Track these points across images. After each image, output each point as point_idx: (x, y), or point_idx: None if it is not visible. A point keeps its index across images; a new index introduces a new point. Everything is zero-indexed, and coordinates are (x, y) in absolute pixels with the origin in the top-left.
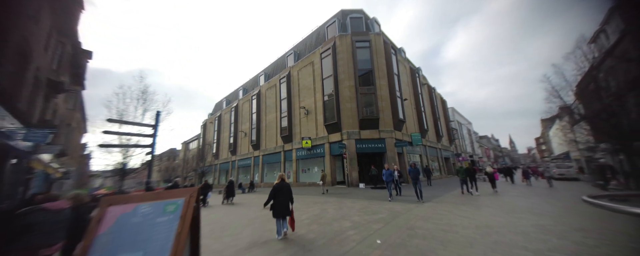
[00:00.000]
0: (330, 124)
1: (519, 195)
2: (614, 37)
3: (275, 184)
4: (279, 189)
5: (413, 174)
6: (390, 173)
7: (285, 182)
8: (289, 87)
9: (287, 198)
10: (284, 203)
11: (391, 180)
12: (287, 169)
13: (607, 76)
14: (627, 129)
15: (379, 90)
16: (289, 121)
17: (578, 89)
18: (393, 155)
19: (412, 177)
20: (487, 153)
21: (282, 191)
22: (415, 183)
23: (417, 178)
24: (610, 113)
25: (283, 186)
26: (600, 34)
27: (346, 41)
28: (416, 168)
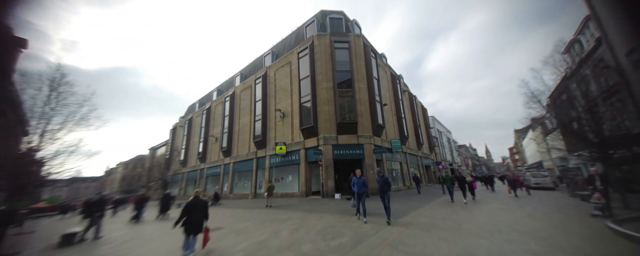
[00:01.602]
0: (307, 128)
1: (500, 207)
2: (588, 47)
3: (189, 201)
4: (193, 207)
5: (381, 184)
6: (363, 182)
7: (200, 199)
8: (264, 88)
9: (202, 216)
10: (196, 221)
11: (364, 192)
12: (259, 178)
13: (580, 85)
14: (605, 137)
15: (357, 93)
16: (263, 125)
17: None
18: (372, 162)
19: (379, 188)
20: (466, 162)
21: (196, 208)
22: (383, 197)
23: (386, 190)
24: (589, 121)
25: (196, 204)
26: (574, 44)
27: (325, 41)
28: (384, 177)
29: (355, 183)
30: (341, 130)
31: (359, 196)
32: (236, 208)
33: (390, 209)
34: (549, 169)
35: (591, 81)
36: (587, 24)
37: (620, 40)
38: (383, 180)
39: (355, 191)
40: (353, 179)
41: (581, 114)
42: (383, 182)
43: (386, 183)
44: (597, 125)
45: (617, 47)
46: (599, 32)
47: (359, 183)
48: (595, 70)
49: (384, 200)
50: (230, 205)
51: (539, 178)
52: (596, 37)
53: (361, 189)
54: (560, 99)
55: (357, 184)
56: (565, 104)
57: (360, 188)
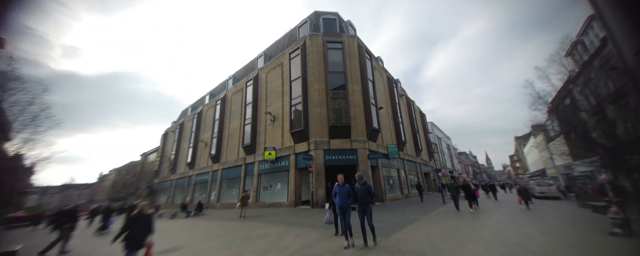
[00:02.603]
0: (297, 132)
1: (507, 220)
2: (592, 48)
3: (133, 214)
4: (134, 221)
5: (361, 194)
6: (347, 191)
7: (145, 213)
8: (255, 90)
9: (145, 231)
10: (138, 236)
11: (349, 205)
12: (247, 186)
13: (589, 85)
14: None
15: (351, 95)
16: (253, 129)
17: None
18: (366, 168)
19: (359, 199)
20: (466, 169)
21: (137, 222)
22: (364, 211)
23: (367, 202)
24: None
25: (139, 218)
26: (577, 45)
27: (317, 41)
28: (367, 184)
29: (338, 192)
30: (334, 134)
31: (342, 211)
32: (216, 220)
33: (374, 227)
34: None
35: (600, 82)
36: (590, 24)
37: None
38: (365, 189)
39: (337, 203)
40: (335, 188)
41: (591, 116)
42: (365, 191)
43: (369, 192)
44: (610, 128)
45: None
46: (603, 32)
47: (342, 193)
48: (601, 71)
49: (363, 215)
50: (213, 216)
51: (543, 187)
52: (601, 38)
53: (345, 202)
54: (563, 104)
55: (340, 194)
56: (570, 108)
57: (343, 199)
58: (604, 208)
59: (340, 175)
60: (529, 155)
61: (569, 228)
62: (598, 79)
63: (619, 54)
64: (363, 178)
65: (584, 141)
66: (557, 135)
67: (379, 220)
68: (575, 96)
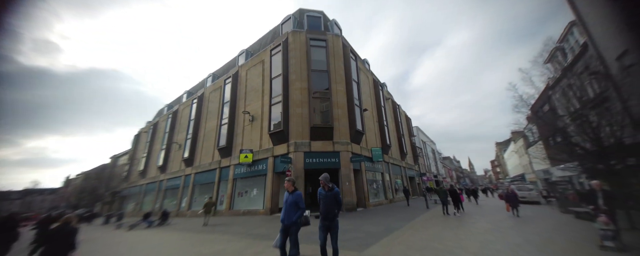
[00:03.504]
0: (276, 133)
1: (492, 228)
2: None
3: (55, 226)
4: (54, 235)
5: (326, 204)
6: (296, 200)
7: (70, 226)
8: (234, 89)
9: (65, 248)
10: (57, 253)
11: (295, 221)
12: (222, 192)
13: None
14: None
15: (334, 95)
16: (230, 130)
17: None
18: (348, 172)
19: (322, 210)
20: (450, 174)
21: (57, 237)
22: (329, 226)
23: (334, 214)
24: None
25: (61, 230)
26: (557, 51)
27: (300, 38)
28: (334, 190)
29: (286, 201)
30: (315, 135)
31: (284, 231)
32: (177, 231)
33: (337, 250)
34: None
35: (580, 87)
36: (570, 30)
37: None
38: (331, 196)
39: (282, 220)
40: (285, 196)
41: (575, 120)
42: (331, 200)
43: (335, 201)
44: (595, 132)
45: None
46: (584, 38)
47: (289, 203)
48: (582, 76)
49: (327, 232)
50: (177, 226)
51: (524, 192)
52: (582, 43)
53: (290, 218)
54: (542, 110)
55: (286, 206)
56: (549, 113)
57: (289, 213)
58: (588, 214)
59: (288, 181)
60: (509, 160)
61: (557, 237)
62: (579, 84)
63: (600, 59)
64: (329, 181)
65: (564, 146)
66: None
67: (356, 229)
68: (554, 102)
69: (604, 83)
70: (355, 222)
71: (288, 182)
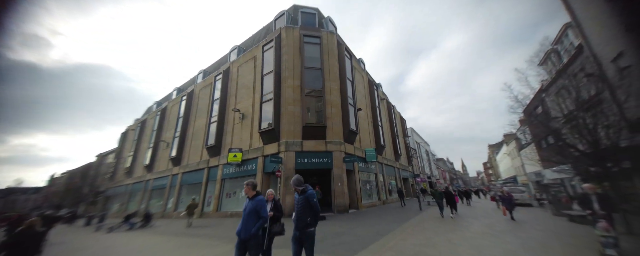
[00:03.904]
0: (267, 132)
1: (486, 232)
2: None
3: (19, 230)
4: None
5: (299, 209)
6: (255, 207)
7: (36, 230)
8: (225, 85)
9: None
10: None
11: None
12: (209, 193)
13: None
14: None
15: (328, 94)
16: (219, 128)
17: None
18: (341, 172)
19: (296, 217)
20: (444, 175)
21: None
22: (299, 239)
23: (308, 224)
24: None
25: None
26: (551, 54)
27: (294, 34)
28: (307, 192)
29: (244, 208)
30: (307, 135)
31: (241, 245)
32: (159, 235)
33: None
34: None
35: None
36: (565, 32)
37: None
38: (303, 201)
39: (238, 233)
40: (244, 204)
41: (566, 123)
42: (303, 205)
43: (309, 206)
44: (591, 134)
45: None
46: (579, 39)
47: (248, 211)
48: (577, 78)
49: (299, 245)
50: (160, 229)
51: (516, 194)
52: (577, 45)
53: (248, 230)
54: (535, 113)
55: (244, 215)
56: (543, 116)
57: (247, 224)
58: (582, 217)
59: (248, 185)
60: (501, 162)
61: (553, 242)
62: (574, 86)
63: (595, 61)
64: (302, 183)
65: (557, 148)
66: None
67: (346, 233)
68: (548, 104)
69: (599, 85)
70: (346, 225)
71: (247, 186)
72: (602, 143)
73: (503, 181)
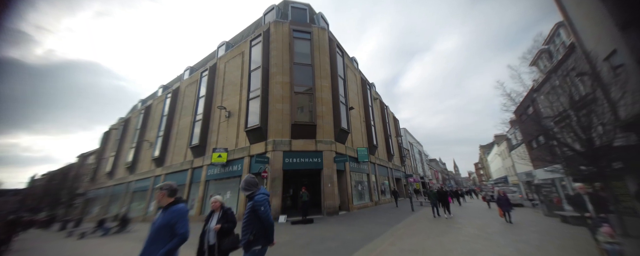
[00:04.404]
0: (253, 130)
1: (479, 234)
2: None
3: None
4: None
5: (245, 218)
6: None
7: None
8: (211, 82)
9: None
10: None
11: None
12: (193, 195)
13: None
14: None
15: (318, 91)
16: (204, 127)
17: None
18: (331, 173)
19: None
20: (436, 175)
21: None
22: (245, 251)
23: (249, 243)
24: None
25: None
26: (542, 54)
27: (283, 29)
28: (255, 197)
29: (153, 223)
30: (296, 133)
31: None
32: (132, 241)
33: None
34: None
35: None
36: (557, 31)
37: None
38: (249, 208)
39: None
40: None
41: (558, 123)
42: (248, 213)
43: (255, 216)
44: (585, 133)
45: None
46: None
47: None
48: (569, 77)
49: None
50: (137, 234)
51: (508, 194)
52: (569, 44)
53: (151, 254)
54: (526, 113)
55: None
56: (534, 116)
57: (150, 247)
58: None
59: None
60: (492, 163)
61: (550, 246)
62: (567, 84)
63: (587, 60)
64: (253, 185)
65: (549, 148)
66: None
67: (332, 238)
68: (539, 104)
69: (592, 84)
70: (334, 228)
71: (161, 191)
72: (594, 142)
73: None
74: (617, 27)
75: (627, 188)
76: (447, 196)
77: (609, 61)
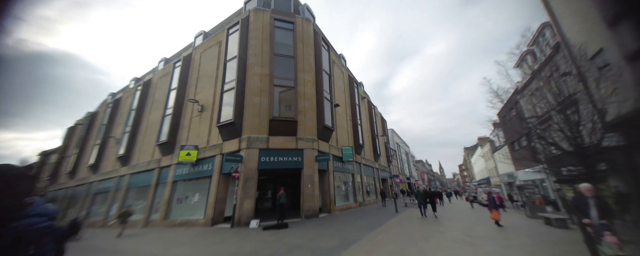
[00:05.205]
0: (226, 126)
1: (463, 238)
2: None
3: None
4: None
5: None
6: None
7: None
8: (185, 73)
9: None
10: None
11: None
12: (158, 197)
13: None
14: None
15: (301, 85)
16: (174, 122)
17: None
18: (312, 173)
19: None
20: (422, 176)
21: None
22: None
23: None
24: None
25: None
26: (526, 56)
27: (264, 18)
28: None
29: None
30: (275, 130)
31: None
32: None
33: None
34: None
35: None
36: (542, 32)
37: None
38: None
39: None
40: None
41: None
42: None
43: None
44: (573, 131)
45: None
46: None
47: None
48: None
49: None
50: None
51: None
52: (554, 44)
53: None
54: (510, 115)
55: None
56: (517, 117)
57: None
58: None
59: None
60: (475, 164)
61: (538, 252)
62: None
63: (572, 60)
64: None
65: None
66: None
67: (302, 246)
68: (523, 106)
69: (576, 84)
70: (308, 234)
71: None
72: (584, 140)
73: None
74: (605, 24)
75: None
76: (435, 197)
77: (595, 61)
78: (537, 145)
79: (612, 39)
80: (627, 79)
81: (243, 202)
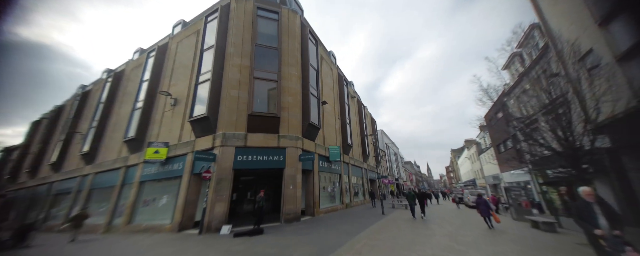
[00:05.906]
0: (199, 120)
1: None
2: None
3: None
4: None
5: None
6: None
7: None
8: (159, 64)
9: None
10: None
11: None
12: (123, 199)
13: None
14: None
15: (285, 80)
16: (144, 117)
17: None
18: (294, 173)
19: None
20: (411, 177)
21: None
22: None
23: None
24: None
25: None
26: (514, 58)
27: (246, 6)
28: None
29: None
30: (254, 127)
31: None
32: None
33: None
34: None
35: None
36: (531, 33)
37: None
38: None
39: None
40: None
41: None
42: None
43: None
44: (564, 131)
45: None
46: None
47: None
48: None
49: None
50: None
51: None
52: (542, 46)
53: None
54: (496, 118)
55: None
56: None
57: None
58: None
59: None
60: (462, 166)
61: None
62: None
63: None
64: None
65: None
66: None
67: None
68: (510, 108)
69: (564, 85)
70: (284, 241)
71: None
72: (568, 144)
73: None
74: (596, 23)
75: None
76: (425, 198)
77: (585, 61)
78: (524, 146)
79: (603, 38)
80: (618, 79)
81: (214, 205)
